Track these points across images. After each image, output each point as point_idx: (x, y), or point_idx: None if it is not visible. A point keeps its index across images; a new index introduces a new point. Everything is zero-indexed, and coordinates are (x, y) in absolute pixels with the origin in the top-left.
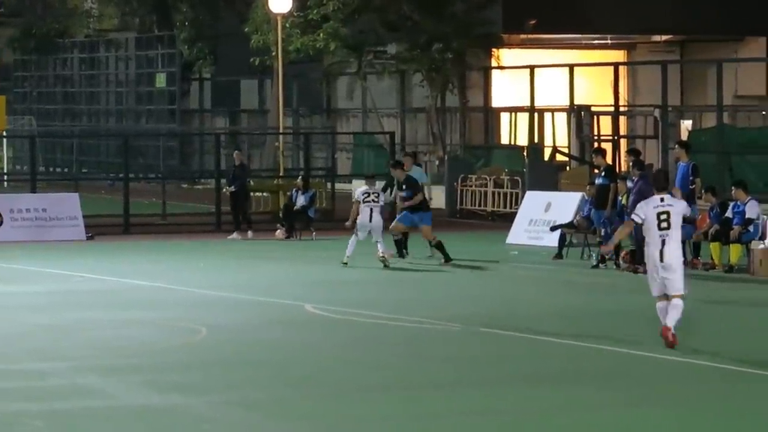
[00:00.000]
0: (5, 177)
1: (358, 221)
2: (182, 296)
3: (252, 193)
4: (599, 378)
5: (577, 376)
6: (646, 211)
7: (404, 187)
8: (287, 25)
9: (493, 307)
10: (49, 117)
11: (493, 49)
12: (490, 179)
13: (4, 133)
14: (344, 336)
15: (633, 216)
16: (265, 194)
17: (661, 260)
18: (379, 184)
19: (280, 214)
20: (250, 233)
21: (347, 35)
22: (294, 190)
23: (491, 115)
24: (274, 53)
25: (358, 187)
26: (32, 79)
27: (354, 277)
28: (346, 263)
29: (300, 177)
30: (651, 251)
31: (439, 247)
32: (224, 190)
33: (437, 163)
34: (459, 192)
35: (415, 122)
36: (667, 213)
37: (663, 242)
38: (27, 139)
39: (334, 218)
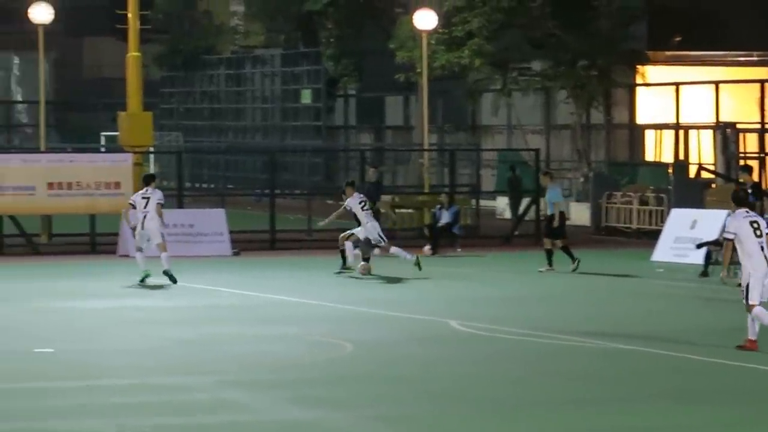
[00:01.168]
0: None
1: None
2: (327, 311)
3: (396, 210)
4: (743, 396)
5: (721, 395)
6: (737, 225)
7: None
8: (432, 41)
9: (637, 325)
10: (196, 133)
11: (638, 66)
12: (635, 196)
13: (151, 149)
14: (487, 352)
15: (725, 234)
16: (409, 210)
17: None
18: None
19: (425, 231)
20: (376, 251)
21: (492, 52)
22: (438, 206)
23: (636, 132)
24: (419, 70)
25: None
26: (179, 95)
27: (498, 294)
28: (348, 269)
29: (444, 194)
30: (757, 259)
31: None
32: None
33: (582, 180)
34: (604, 209)
35: (560, 139)
36: (758, 222)
37: (762, 248)
38: (174, 155)
39: (479, 234)
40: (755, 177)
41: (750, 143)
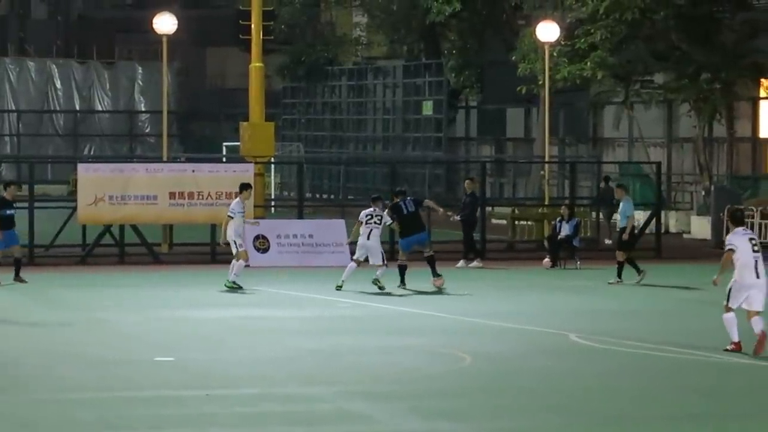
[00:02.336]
0: (273, 202)
1: (358, 242)
2: (447, 323)
3: (516, 222)
4: None
5: None
6: (737, 240)
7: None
8: (554, 53)
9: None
10: (317, 143)
11: (762, 79)
12: (756, 210)
13: (273, 159)
14: (606, 366)
15: (726, 246)
16: (529, 223)
17: (757, 277)
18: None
19: (545, 243)
20: (475, 262)
21: (615, 64)
22: (558, 219)
23: (759, 146)
24: (540, 82)
25: (365, 209)
26: (301, 105)
27: (617, 307)
28: (340, 286)
29: (564, 206)
30: (748, 272)
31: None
32: (450, 218)
33: (703, 193)
34: (725, 223)
35: (682, 152)
36: (755, 239)
37: (756, 262)
38: (295, 165)
39: (599, 247)
40: None
41: None
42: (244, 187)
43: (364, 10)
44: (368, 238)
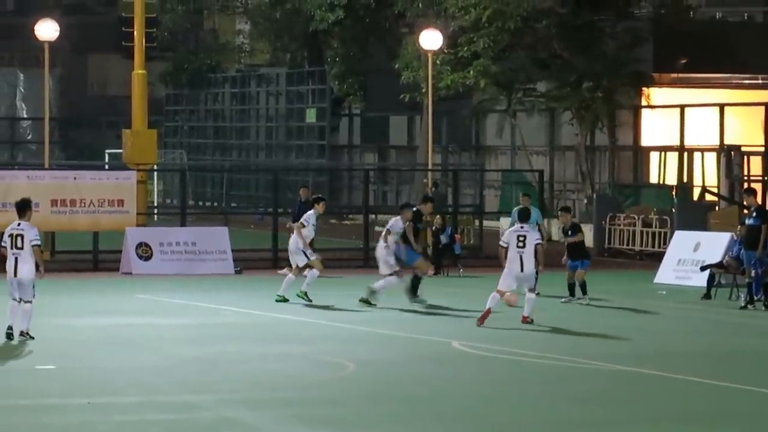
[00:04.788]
0: (156, 210)
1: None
2: (331, 331)
3: None
4: (748, 420)
5: (726, 418)
6: (509, 236)
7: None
8: (438, 61)
9: (640, 347)
10: (200, 151)
11: (643, 88)
12: (638, 218)
13: (155, 167)
14: (490, 373)
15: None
16: None
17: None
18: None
19: (429, 251)
20: (306, 272)
21: (497, 72)
22: (434, 228)
23: (640, 154)
24: (424, 90)
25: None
26: (184, 113)
27: (500, 314)
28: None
29: (438, 215)
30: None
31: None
32: (287, 225)
33: (585, 201)
34: (607, 230)
35: (564, 160)
36: (524, 236)
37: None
38: (177, 173)
39: (482, 255)
40: (759, 200)
41: (754, 166)
42: (318, 200)
43: (247, 18)
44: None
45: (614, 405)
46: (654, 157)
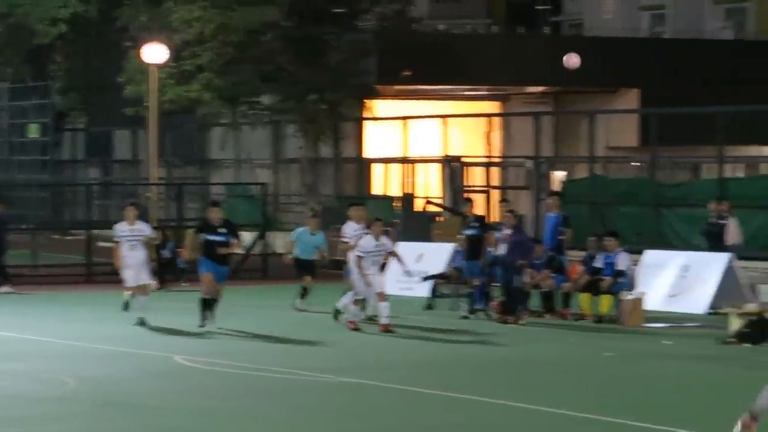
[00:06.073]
0: None
1: None
2: (50, 347)
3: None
4: (462, 430)
5: (451, 428)
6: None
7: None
8: (162, 75)
9: (363, 358)
10: None
11: (367, 100)
12: None
13: None
14: (214, 387)
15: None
16: None
17: None
18: None
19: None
20: (5, 288)
21: (222, 86)
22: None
23: (364, 166)
24: (146, 103)
25: None
26: None
27: (225, 328)
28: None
29: (160, 230)
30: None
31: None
32: None
33: (311, 214)
34: (332, 243)
35: (289, 173)
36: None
37: None
38: None
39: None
40: (481, 210)
41: (478, 177)
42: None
43: None
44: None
45: (332, 417)
46: (379, 168)
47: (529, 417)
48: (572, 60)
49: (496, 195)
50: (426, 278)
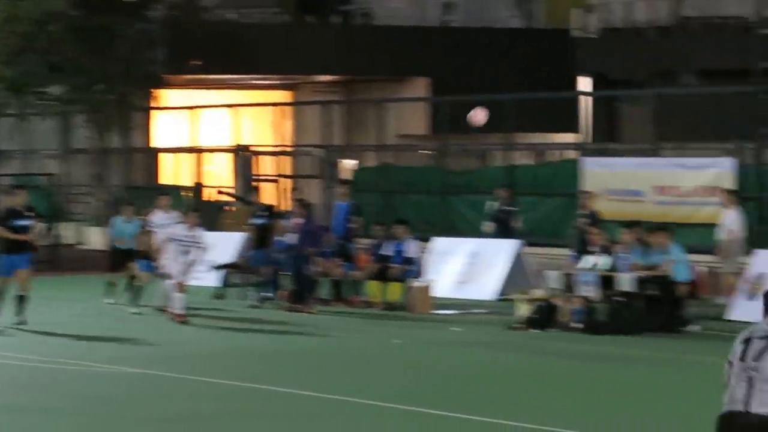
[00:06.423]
0: None
1: None
2: None
3: None
4: (251, 417)
5: (228, 416)
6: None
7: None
8: None
9: (153, 349)
10: None
11: (155, 90)
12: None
13: None
14: None
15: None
16: None
17: None
18: None
19: None
20: None
21: (9, 76)
22: None
23: (153, 156)
24: None
25: None
26: None
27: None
28: None
29: None
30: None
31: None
32: None
33: (102, 204)
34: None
35: (78, 163)
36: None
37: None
38: None
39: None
40: (272, 199)
41: (269, 165)
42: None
43: None
44: None
45: (120, 406)
46: (168, 158)
47: (319, 405)
48: (478, 116)
49: (287, 184)
50: (217, 267)
